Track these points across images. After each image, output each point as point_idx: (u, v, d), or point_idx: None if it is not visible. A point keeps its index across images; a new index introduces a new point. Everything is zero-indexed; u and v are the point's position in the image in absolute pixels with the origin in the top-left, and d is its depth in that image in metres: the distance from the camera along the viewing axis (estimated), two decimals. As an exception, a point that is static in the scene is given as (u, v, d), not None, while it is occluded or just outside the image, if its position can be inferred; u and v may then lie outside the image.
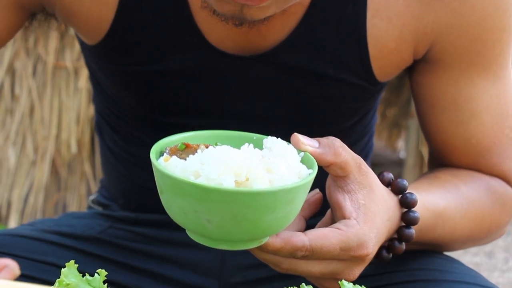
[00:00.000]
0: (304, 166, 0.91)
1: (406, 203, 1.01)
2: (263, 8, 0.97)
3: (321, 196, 1.01)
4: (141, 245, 1.24)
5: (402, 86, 3.03)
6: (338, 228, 0.94)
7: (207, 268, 1.23)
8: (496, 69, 1.15)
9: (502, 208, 1.18)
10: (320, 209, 1.02)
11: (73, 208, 2.82)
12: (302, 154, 0.93)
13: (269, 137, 0.94)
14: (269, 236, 0.91)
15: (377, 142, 3.36)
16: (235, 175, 0.85)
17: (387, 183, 1.03)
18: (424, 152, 2.89)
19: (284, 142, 0.93)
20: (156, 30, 1.13)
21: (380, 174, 1.03)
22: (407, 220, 1.02)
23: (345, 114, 1.23)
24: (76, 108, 2.75)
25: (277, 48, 1.13)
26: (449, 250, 1.17)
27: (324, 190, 1.00)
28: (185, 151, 0.92)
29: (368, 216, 0.95)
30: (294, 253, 0.92)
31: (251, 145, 0.91)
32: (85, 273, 0.87)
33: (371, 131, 1.37)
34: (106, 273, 0.86)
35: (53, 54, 2.73)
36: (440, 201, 1.09)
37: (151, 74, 1.16)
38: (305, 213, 1.00)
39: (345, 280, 0.87)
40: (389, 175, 1.03)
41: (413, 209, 1.01)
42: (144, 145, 1.27)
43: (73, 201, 2.84)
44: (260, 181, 0.86)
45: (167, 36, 1.14)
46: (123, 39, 1.15)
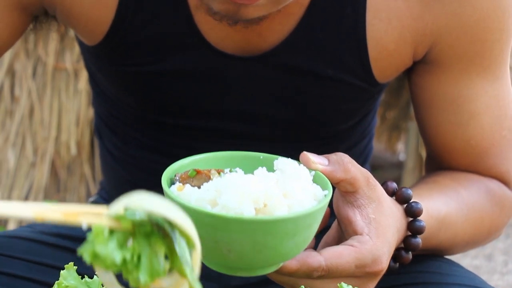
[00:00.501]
0: (318, 187, 0.91)
1: (412, 213, 1.01)
2: (258, 7, 0.97)
3: (329, 211, 1.01)
4: (141, 247, 1.24)
5: (402, 89, 3.03)
6: (352, 245, 0.93)
7: (207, 271, 1.22)
8: (495, 70, 1.16)
9: (501, 211, 1.18)
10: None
11: (73, 210, 2.81)
12: (313, 173, 0.93)
13: (280, 158, 0.93)
14: None
15: (377, 145, 3.35)
16: (254, 202, 0.85)
17: (392, 193, 1.03)
18: (424, 155, 2.87)
19: (295, 162, 0.93)
20: (156, 31, 1.13)
21: (384, 184, 1.03)
22: (414, 230, 1.02)
23: (345, 115, 1.22)
24: (76, 110, 2.75)
25: (277, 49, 1.13)
26: (450, 254, 1.17)
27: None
28: (197, 178, 0.91)
29: (380, 231, 0.95)
30: (310, 274, 0.92)
31: (264, 168, 0.91)
32: (84, 275, 0.87)
33: (371, 133, 1.37)
34: (105, 275, 0.85)
35: (53, 56, 2.73)
36: (442, 207, 1.09)
37: (151, 75, 1.16)
38: None
39: None
40: (393, 185, 1.03)
41: (419, 218, 1.02)
42: (143, 147, 1.27)
43: (73, 203, 2.83)
44: (279, 208, 0.85)
45: (167, 37, 1.13)
46: (123, 40, 1.15)
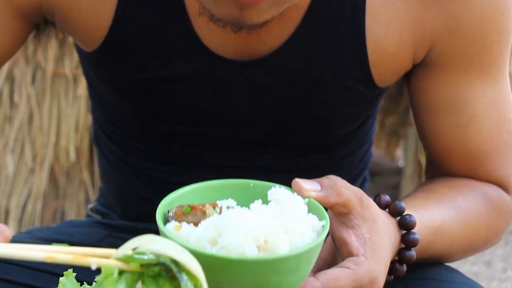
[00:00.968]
0: (315, 216, 0.91)
1: (405, 225, 1.01)
2: (261, 11, 0.97)
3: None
4: (139, 254, 1.24)
5: (401, 95, 3.03)
6: (348, 267, 0.93)
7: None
8: (495, 72, 1.15)
9: (499, 217, 1.18)
10: None
11: (72, 216, 2.81)
12: (307, 200, 0.93)
13: (273, 188, 0.93)
14: None
15: (376, 151, 3.35)
16: (255, 240, 0.84)
17: (385, 206, 1.02)
18: (423, 161, 2.88)
19: (289, 192, 0.92)
20: (155, 37, 1.13)
21: (377, 197, 1.03)
22: (408, 243, 1.01)
23: (345, 120, 1.22)
24: (75, 116, 2.75)
25: (276, 53, 1.13)
26: (447, 262, 1.17)
27: None
28: (191, 214, 0.90)
29: (375, 250, 0.94)
30: None
31: (260, 201, 0.90)
32: (83, 282, 0.87)
33: (370, 140, 1.36)
34: (104, 282, 0.85)
35: (52, 62, 2.73)
36: (438, 217, 1.08)
37: (149, 81, 1.16)
38: None
39: None
40: (386, 198, 1.03)
41: (412, 231, 1.01)
42: (141, 154, 1.27)
43: (72, 209, 2.83)
44: (280, 243, 0.85)
45: (166, 43, 1.13)
46: (121, 46, 1.14)
